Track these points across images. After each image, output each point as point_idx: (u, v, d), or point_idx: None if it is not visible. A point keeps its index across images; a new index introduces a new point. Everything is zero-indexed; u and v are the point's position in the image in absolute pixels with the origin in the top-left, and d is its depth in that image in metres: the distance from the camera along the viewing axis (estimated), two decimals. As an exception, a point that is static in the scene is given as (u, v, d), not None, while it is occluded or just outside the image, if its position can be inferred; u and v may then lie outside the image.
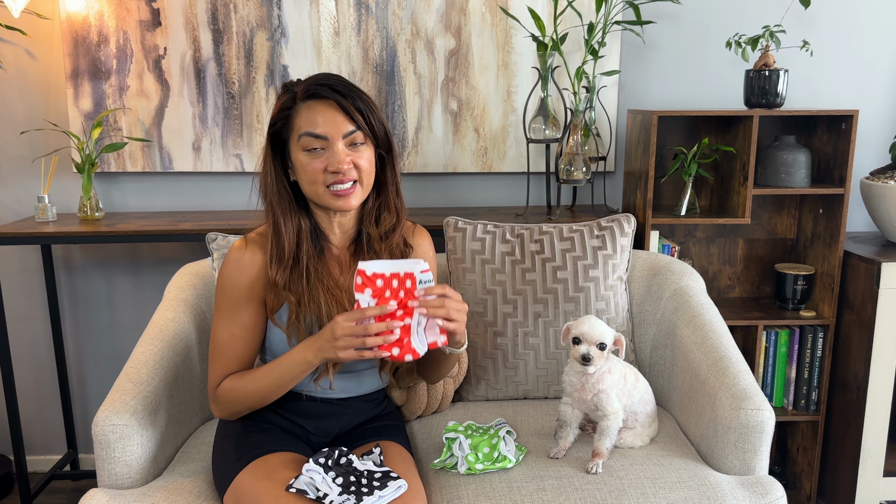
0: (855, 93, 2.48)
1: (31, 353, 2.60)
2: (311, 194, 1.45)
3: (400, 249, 1.54)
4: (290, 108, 1.43)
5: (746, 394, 1.55)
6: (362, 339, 1.30)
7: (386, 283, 1.33)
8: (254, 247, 1.47)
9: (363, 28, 2.36)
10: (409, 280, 1.31)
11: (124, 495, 1.44)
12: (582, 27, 2.30)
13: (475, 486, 1.48)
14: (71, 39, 2.32)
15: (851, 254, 2.24)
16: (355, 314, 1.32)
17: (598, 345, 1.53)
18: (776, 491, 1.47)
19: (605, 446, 1.55)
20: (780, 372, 2.36)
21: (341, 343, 1.32)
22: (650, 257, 2.06)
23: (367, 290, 1.33)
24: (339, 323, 1.32)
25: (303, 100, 1.42)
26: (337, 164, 1.39)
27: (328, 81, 1.41)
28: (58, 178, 2.43)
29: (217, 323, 1.49)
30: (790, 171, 2.24)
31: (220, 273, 1.48)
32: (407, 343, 1.31)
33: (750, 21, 2.40)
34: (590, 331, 1.53)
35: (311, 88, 1.41)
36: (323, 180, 1.42)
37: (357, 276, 1.33)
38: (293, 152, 1.43)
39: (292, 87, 1.44)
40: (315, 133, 1.40)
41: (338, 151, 1.40)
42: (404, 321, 1.31)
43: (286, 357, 1.42)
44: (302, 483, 1.31)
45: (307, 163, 1.41)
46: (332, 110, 1.40)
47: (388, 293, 1.32)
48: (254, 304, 1.47)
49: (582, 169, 2.24)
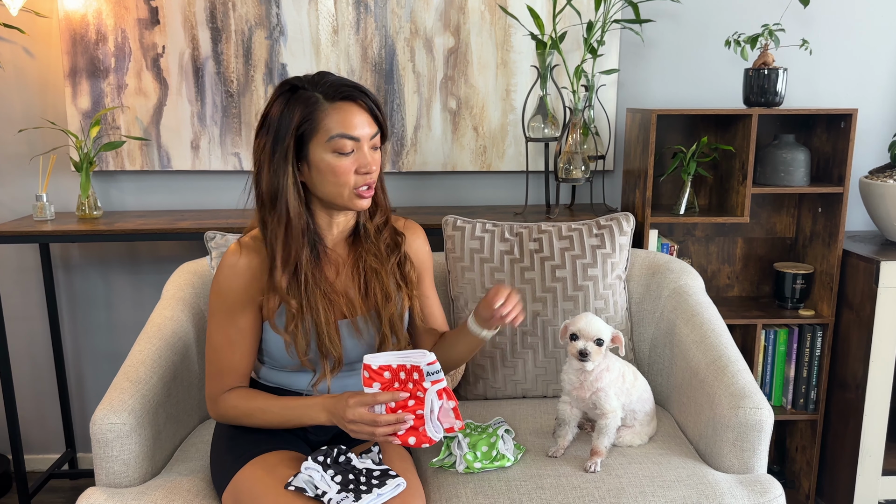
0: (854, 92, 2.48)
1: (29, 352, 2.59)
2: (331, 195, 1.43)
3: (393, 238, 1.55)
4: (315, 110, 1.38)
5: (745, 392, 1.55)
6: (371, 430, 1.32)
7: (394, 376, 1.34)
8: (249, 251, 1.46)
9: (362, 26, 2.36)
10: (416, 372, 1.32)
11: (122, 494, 1.44)
12: (581, 26, 2.29)
13: (473, 485, 1.48)
14: (69, 38, 2.32)
15: (850, 253, 2.24)
16: (367, 398, 1.32)
17: (596, 341, 1.52)
18: (775, 489, 1.47)
19: (604, 445, 1.55)
20: (778, 371, 2.36)
21: (352, 427, 1.34)
22: (649, 256, 2.06)
23: (374, 385, 1.34)
24: (351, 407, 1.33)
25: (331, 101, 1.38)
26: (367, 165, 1.40)
27: (351, 83, 1.41)
28: (56, 176, 2.43)
29: (213, 328, 1.48)
30: (789, 169, 2.24)
31: (216, 278, 1.47)
32: (422, 431, 1.33)
33: (749, 20, 2.39)
34: (587, 327, 1.53)
35: (342, 90, 1.38)
36: (353, 182, 1.41)
37: (364, 371, 1.34)
38: (316, 153, 1.39)
39: (307, 86, 1.39)
40: (350, 135, 1.38)
41: (367, 153, 1.41)
42: (416, 412, 1.32)
43: (301, 405, 1.43)
44: (301, 481, 1.31)
45: (336, 164, 1.39)
46: (363, 112, 1.40)
47: (397, 385, 1.34)
48: (250, 309, 1.47)
49: (581, 168, 2.24)
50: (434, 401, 1.32)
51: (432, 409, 1.32)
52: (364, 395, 1.33)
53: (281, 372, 1.54)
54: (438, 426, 1.34)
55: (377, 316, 1.51)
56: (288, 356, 1.47)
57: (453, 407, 1.35)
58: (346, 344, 1.49)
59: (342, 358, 1.47)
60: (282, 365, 1.52)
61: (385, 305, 1.50)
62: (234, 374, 1.49)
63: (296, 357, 1.45)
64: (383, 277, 1.51)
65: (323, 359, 1.46)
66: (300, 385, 1.52)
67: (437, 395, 1.32)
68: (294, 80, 1.41)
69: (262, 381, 1.57)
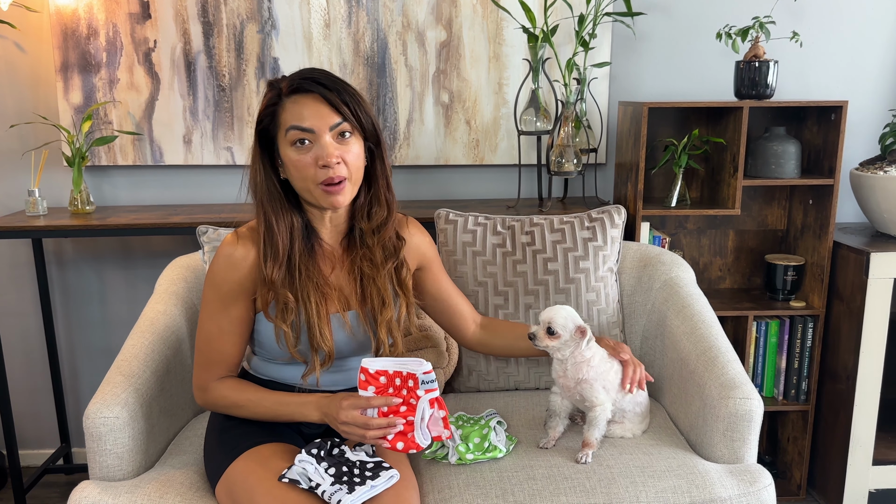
0: (844, 84, 2.49)
1: (23, 347, 2.59)
2: (302, 191, 1.44)
3: (392, 243, 1.53)
4: (275, 105, 1.41)
5: (735, 383, 1.56)
6: (363, 432, 1.34)
7: (389, 381, 1.35)
8: (245, 242, 1.46)
9: (354, 20, 2.36)
10: (411, 380, 1.34)
11: (116, 487, 1.45)
12: (572, 19, 2.30)
13: (466, 476, 1.49)
14: (60, 32, 2.31)
15: (841, 244, 2.25)
16: (360, 402, 1.34)
17: (547, 329, 1.57)
18: (764, 479, 1.49)
19: (594, 437, 1.56)
20: (770, 362, 2.38)
21: (344, 428, 1.36)
22: (640, 248, 2.07)
23: (370, 388, 1.36)
24: (345, 409, 1.35)
25: (287, 95, 1.40)
26: (326, 157, 1.37)
27: (312, 75, 1.40)
28: (48, 171, 2.42)
29: (205, 317, 1.49)
30: (780, 162, 2.25)
31: (211, 268, 1.48)
32: (411, 438, 1.35)
33: (740, 12, 2.40)
34: (545, 314, 1.59)
35: (295, 83, 1.40)
36: (314, 176, 1.39)
37: (360, 374, 1.36)
38: (282, 149, 1.42)
39: (277, 83, 1.43)
40: (301, 126, 1.38)
41: (325, 144, 1.38)
42: (407, 418, 1.34)
43: (294, 402, 1.45)
44: (294, 473, 1.32)
45: (296, 158, 1.39)
46: (318, 103, 1.39)
47: (391, 390, 1.35)
48: (243, 300, 1.47)
49: (573, 161, 2.24)
50: (426, 409, 1.34)
51: (423, 417, 1.34)
52: (358, 397, 1.35)
53: (271, 364, 1.54)
54: (427, 433, 1.36)
55: (374, 320, 1.51)
56: (279, 348, 1.47)
57: (443, 416, 1.37)
58: (337, 338, 1.49)
59: (333, 352, 1.48)
60: (273, 356, 1.52)
61: (382, 311, 1.50)
62: (223, 363, 1.50)
63: (286, 349, 1.46)
64: (380, 283, 1.51)
65: (313, 352, 1.46)
66: (291, 377, 1.53)
67: (430, 403, 1.34)
68: (275, 78, 1.46)
69: (254, 372, 1.58)
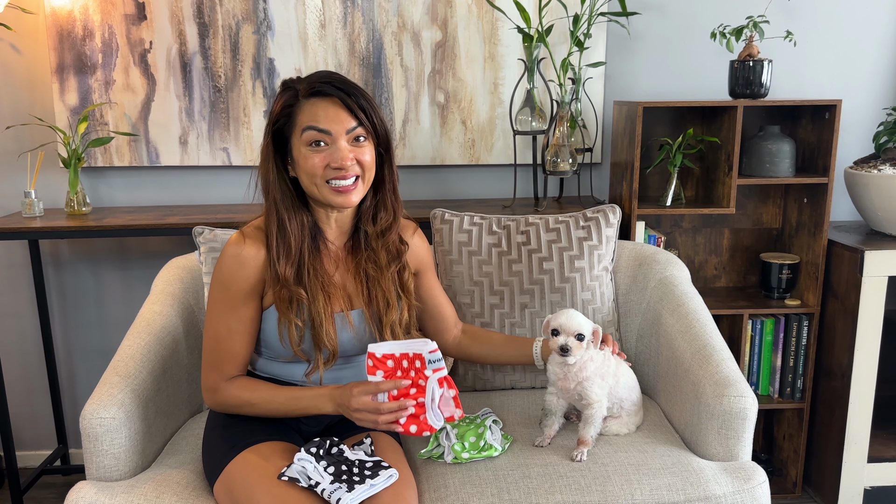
0: (838, 82, 2.50)
1: (19, 348, 2.59)
2: (311, 190, 1.45)
3: (396, 247, 1.56)
4: (292, 106, 1.43)
5: (729, 381, 1.57)
6: (375, 418, 1.35)
7: (396, 364, 1.36)
8: (252, 241, 1.47)
9: (349, 20, 2.36)
10: (418, 360, 1.35)
11: (112, 487, 1.45)
12: (567, 19, 2.30)
13: (461, 475, 1.50)
14: (56, 34, 2.31)
15: (835, 243, 2.26)
16: (370, 387, 1.36)
17: (577, 336, 1.55)
18: (758, 476, 1.49)
19: (590, 434, 1.57)
20: (765, 360, 2.38)
21: (356, 415, 1.38)
22: (636, 247, 2.07)
23: (378, 373, 1.37)
24: (355, 396, 1.37)
25: (306, 97, 1.42)
26: (340, 160, 1.40)
27: (330, 79, 1.42)
28: (44, 173, 2.43)
29: (213, 317, 1.49)
30: (775, 160, 2.25)
31: (218, 267, 1.48)
32: (423, 420, 1.36)
33: (734, 12, 2.41)
34: (567, 322, 1.56)
35: (315, 86, 1.41)
36: (323, 175, 1.42)
37: (368, 359, 1.37)
38: (295, 148, 1.44)
39: (294, 84, 1.44)
40: (318, 127, 1.40)
41: (341, 147, 1.41)
42: (417, 399, 1.35)
43: (308, 395, 1.46)
44: (294, 471, 1.32)
45: (308, 157, 1.41)
46: (336, 107, 1.41)
47: (400, 373, 1.36)
48: (252, 299, 1.48)
49: (568, 160, 2.25)
50: (435, 389, 1.35)
51: (433, 398, 1.35)
52: (368, 384, 1.37)
53: (275, 362, 1.55)
54: (439, 414, 1.37)
55: (378, 321, 1.53)
56: (282, 347, 1.48)
57: (454, 395, 1.38)
58: (341, 336, 1.50)
59: (337, 350, 1.49)
60: (276, 355, 1.53)
61: (387, 312, 1.53)
62: (233, 363, 1.50)
63: (289, 347, 1.46)
64: (384, 285, 1.53)
65: (317, 350, 1.47)
66: (295, 376, 1.54)
67: (438, 383, 1.35)
68: (290, 79, 1.47)
69: (258, 372, 1.58)
